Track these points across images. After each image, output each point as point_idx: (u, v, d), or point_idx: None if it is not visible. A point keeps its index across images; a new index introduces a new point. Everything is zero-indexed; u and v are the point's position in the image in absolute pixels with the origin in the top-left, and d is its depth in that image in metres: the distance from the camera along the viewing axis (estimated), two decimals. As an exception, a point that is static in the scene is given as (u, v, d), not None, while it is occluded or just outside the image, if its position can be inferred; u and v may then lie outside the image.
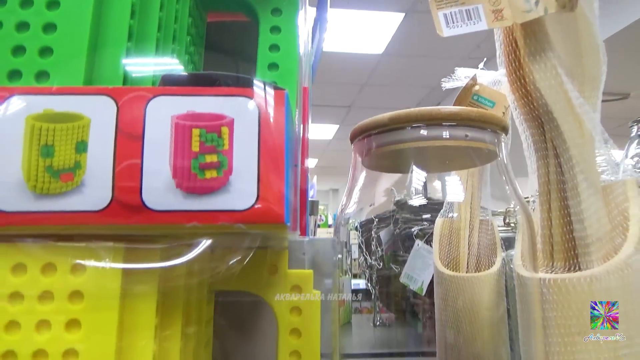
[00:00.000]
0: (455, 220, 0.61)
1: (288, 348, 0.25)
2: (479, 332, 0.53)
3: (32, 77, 0.19)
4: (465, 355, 0.54)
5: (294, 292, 0.26)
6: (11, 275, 0.19)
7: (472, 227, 0.60)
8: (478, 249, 0.60)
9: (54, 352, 0.18)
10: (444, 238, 0.61)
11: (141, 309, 0.20)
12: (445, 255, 0.60)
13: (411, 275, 0.75)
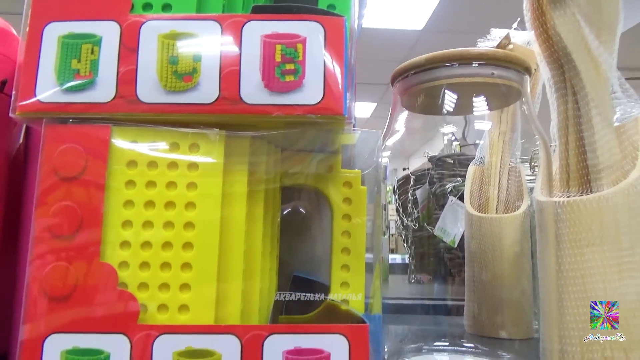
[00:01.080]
0: (486, 167, 0.66)
1: (340, 228, 0.32)
2: (505, 268, 0.59)
3: (160, 8, 0.27)
4: (491, 289, 0.60)
5: (345, 187, 0.33)
6: (147, 149, 0.27)
7: (502, 173, 0.65)
8: (507, 193, 0.65)
9: (178, 223, 0.26)
10: (475, 184, 0.66)
11: (236, 178, 0.27)
12: (476, 200, 0.66)
13: (444, 229, 0.81)
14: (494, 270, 0.58)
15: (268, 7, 0.28)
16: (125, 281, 0.26)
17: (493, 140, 0.65)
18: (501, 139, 0.64)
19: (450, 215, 0.83)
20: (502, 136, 0.64)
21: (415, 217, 0.99)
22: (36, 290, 0.25)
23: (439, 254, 0.92)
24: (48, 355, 0.25)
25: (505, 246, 0.59)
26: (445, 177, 0.94)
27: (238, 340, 0.25)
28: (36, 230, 0.26)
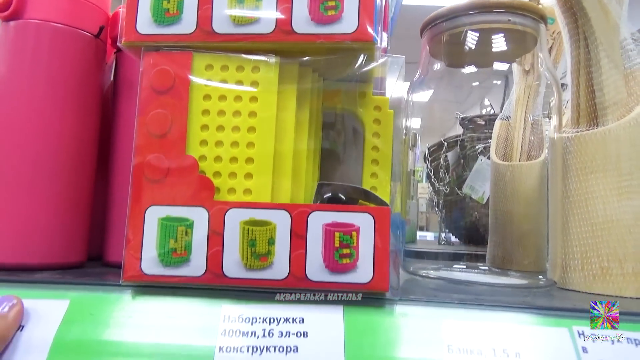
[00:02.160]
0: (512, 122, 0.71)
1: (370, 144, 0.39)
2: (523, 211, 0.64)
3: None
4: (511, 230, 0.65)
5: (375, 110, 0.40)
6: (219, 71, 0.35)
7: (525, 126, 0.70)
8: (529, 145, 0.70)
9: (243, 127, 0.34)
10: (501, 137, 0.72)
11: (287, 94, 0.35)
12: (501, 152, 0.71)
13: (473, 186, 0.86)
14: (514, 213, 0.64)
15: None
16: (204, 170, 0.34)
17: (519, 94, 0.69)
18: (526, 93, 0.69)
19: (479, 173, 0.88)
20: (528, 90, 0.69)
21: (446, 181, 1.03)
22: (139, 176, 0.34)
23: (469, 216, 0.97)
24: (149, 221, 0.33)
25: (525, 190, 0.64)
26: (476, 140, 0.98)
27: (289, 215, 0.33)
28: (138, 131, 0.34)
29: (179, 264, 0.33)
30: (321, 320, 0.32)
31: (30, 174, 0.39)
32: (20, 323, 0.31)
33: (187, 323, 0.32)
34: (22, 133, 0.40)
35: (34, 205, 0.39)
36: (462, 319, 0.33)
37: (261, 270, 0.33)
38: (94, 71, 0.44)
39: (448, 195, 1.04)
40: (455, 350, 0.31)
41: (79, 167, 0.42)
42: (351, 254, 0.32)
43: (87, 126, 0.43)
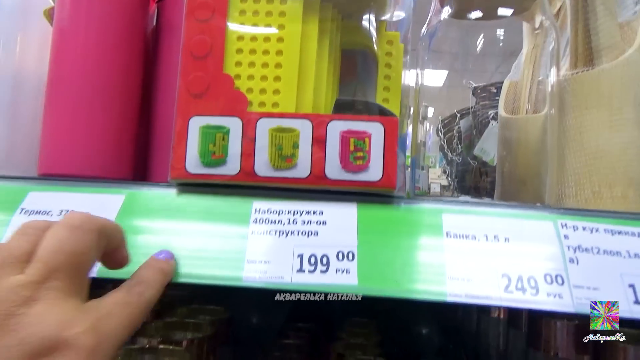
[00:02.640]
0: (519, 80, 0.75)
1: (383, 73, 0.44)
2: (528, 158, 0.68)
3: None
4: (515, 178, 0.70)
5: (388, 44, 0.45)
6: (252, 2, 0.40)
7: (532, 84, 0.74)
8: (535, 101, 0.74)
9: None
10: (509, 96, 0.76)
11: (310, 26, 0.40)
12: (510, 108, 0.75)
13: (484, 149, 0.90)
14: (519, 159, 0.68)
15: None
16: (239, 86, 0.40)
17: (527, 54, 0.74)
18: (534, 52, 0.73)
19: (490, 136, 0.92)
20: (536, 49, 0.73)
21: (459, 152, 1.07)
22: (184, 91, 0.40)
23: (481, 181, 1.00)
24: (192, 129, 0.39)
25: (529, 140, 0.69)
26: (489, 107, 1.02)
27: (310, 123, 0.38)
28: (183, 54, 0.40)
29: (217, 165, 0.39)
30: (338, 212, 0.38)
31: (89, 100, 0.46)
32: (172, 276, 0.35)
33: (224, 212, 0.38)
34: (83, 67, 0.46)
35: (92, 126, 0.45)
36: (460, 213, 0.38)
37: (286, 170, 0.38)
38: (139, 14, 0.50)
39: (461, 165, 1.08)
40: (453, 235, 0.36)
41: (127, 96, 0.48)
42: (364, 157, 0.38)
43: (134, 62, 0.49)
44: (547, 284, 0.33)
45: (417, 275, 0.35)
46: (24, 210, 0.38)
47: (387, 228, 0.37)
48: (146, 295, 0.30)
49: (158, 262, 0.34)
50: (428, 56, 0.62)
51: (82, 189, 0.40)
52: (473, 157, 1.03)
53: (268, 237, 0.37)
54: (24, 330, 0.24)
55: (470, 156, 1.05)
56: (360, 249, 0.36)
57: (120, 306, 0.28)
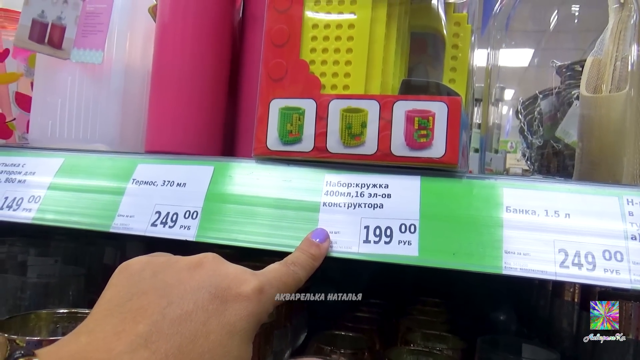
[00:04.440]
0: (604, 57, 0.72)
1: (450, 54, 0.46)
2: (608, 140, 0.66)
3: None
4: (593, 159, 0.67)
5: (455, 25, 0.46)
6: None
7: (617, 60, 0.71)
8: (618, 78, 0.71)
9: None
10: (593, 73, 0.73)
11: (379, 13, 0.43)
12: (592, 86, 0.73)
13: (567, 130, 0.87)
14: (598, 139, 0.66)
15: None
16: (313, 71, 0.44)
17: (613, 27, 0.70)
18: (619, 28, 0.69)
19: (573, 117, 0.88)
20: (621, 24, 0.69)
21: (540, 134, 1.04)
22: (266, 76, 0.44)
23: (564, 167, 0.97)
24: (272, 110, 0.44)
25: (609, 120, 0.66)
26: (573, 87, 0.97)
27: (378, 104, 0.41)
28: (265, 43, 0.45)
29: (293, 142, 0.43)
30: (402, 186, 0.41)
31: (187, 88, 0.52)
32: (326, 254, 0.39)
33: (299, 185, 0.43)
34: (182, 58, 0.53)
35: (190, 110, 0.52)
36: (521, 187, 0.39)
37: (355, 147, 0.42)
38: (228, 8, 0.56)
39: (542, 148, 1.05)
40: (512, 210, 0.38)
41: (219, 83, 0.54)
42: (427, 135, 0.40)
43: (224, 52, 0.55)
44: (605, 260, 0.34)
45: (475, 248, 0.37)
46: (135, 180, 0.46)
47: (448, 201, 0.40)
48: (299, 274, 0.35)
49: (311, 246, 0.38)
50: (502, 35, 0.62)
51: (179, 162, 0.47)
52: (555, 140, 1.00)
53: (338, 209, 0.41)
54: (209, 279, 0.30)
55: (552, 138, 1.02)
56: (422, 222, 0.39)
57: (279, 279, 0.34)
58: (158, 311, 0.28)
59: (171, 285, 0.30)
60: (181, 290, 0.29)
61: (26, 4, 0.52)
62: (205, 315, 0.28)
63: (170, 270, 0.31)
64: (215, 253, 0.34)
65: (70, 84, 0.54)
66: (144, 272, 0.31)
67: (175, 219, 0.43)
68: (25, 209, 0.46)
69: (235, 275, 0.31)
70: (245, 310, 0.30)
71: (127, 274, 0.31)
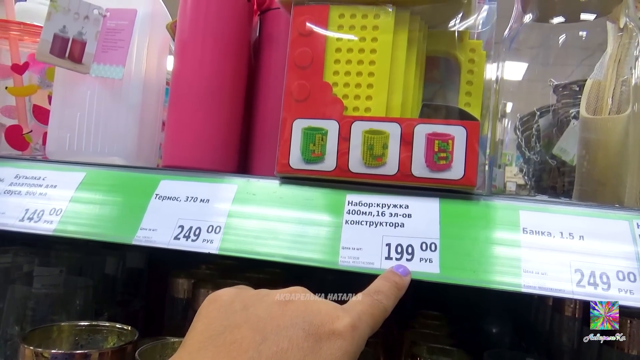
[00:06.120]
0: (603, 80, 0.75)
1: (465, 79, 0.48)
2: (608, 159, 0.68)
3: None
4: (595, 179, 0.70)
5: (471, 52, 0.48)
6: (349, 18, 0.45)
7: (616, 84, 0.74)
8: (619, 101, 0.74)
9: None
10: (592, 95, 0.76)
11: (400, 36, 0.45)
12: (592, 108, 0.75)
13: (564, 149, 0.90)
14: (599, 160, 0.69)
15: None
16: (336, 93, 0.45)
17: (612, 53, 0.73)
18: (619, 52, 0.72)
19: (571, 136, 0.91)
20: (621, 48, 0.72)
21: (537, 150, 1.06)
22: (289, 97, 0.46)
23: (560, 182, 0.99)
24: (295, 130, 0.45)
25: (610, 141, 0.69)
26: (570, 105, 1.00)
27: (399, 126, 0.43)
28: (288, 65, 0.46)
29: (316, 162, 0.44)
30: (422, 206, 0.43)
31: (205, 104, 0.53)
32: None
33: (321, 203, 0.44)
34: (201, 74, 0.54)
35: (207, 126, 0.53)
36: (537, 210, 0.41)
37: (377, 167, 0.43)
38: (246, 27, 0.57)
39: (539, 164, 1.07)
40: (529, 232, 0.40)
41: (235, 100, 0.56)
42: (447, 157, 0.42)
43: (240, 69, 0.56)
44: (619, 280, 0.36)
45: (494, 267, 0.39)
46: (158, 195, 0.47)
47: (467, 222, 0.41)
48: (384, 303, 0.34)
49: (394, 275, 0.37)
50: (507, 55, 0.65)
51: (202, 179, 0.48)
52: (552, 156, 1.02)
53: (360, 226, 0.42)
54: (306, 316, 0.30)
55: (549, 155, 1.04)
56: (442, 241, 0.40)
57: (368, 314, 0.32)
58: (253, 347, 0.27)
59: (264, 319, 0.29)
60: (274, 326, 0.29)
61: (48, 19, 0.53)
62: (300, 354, 0.28)
63: (261, 304, 0.31)
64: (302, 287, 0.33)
65: (90, 98, 0.55)
66: (234, 304, 0.31)
67: (198, 233, 0.44)
68: (47, 221, 0.47)
69: (327, 311, 0.30)
70: (340, 350, 0.29)
71: (217, 306, 0.31)
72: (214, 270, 0.77)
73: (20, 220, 0.48)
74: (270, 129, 0.56)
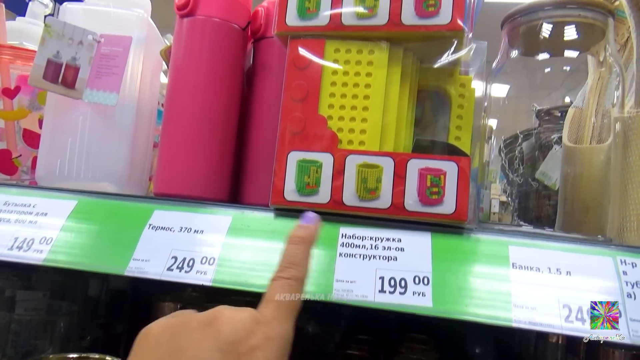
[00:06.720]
0: (584, 109, 0.78)
1: (456, 113, 0.49)
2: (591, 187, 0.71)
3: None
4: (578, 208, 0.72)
5: (461, 87, 0.50)
6: (344, 53, 0.46)
7: (597, 113, 0.76)
8: (599, 130, 0.76)
9: None
10: (574, 124, 0.78)
11: (393, 72, 0.46)
12: (574, 136, 0.78)
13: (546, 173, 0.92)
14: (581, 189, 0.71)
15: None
16: (331, 126, 0.46)
17: (593, 84, 0.76)
18: (599, 83, 0.75)
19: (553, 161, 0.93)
20: (601, 80, 0.75)
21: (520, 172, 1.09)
22: (285, 129, 0.46)
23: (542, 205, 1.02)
24: (290, 162, 0.46)
25: (592, 170, 0.71)
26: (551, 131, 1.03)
27: (392, 160, 0.44)
28: (284, 97, 0.47)
29: (310, 194, 0.45)
30: (414, 241, 0.43)
31: (198, 131, 0.53)
32: None
33: (316, 235, 0.44)
34: (192, 99, 0.54)
35: (200, 154, 0.53)
36: (525, 245, 0.42)
37: (370, 201, 0.44)
38: (240, 55, 0.58)
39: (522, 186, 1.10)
40: (518, 267, 0.41)
41: (228, 127, 0.56)
42: (439, 192, 0.43)
43: (233, 97, 0.57)
44: (605, 316, 0.37)
45: (485, 301, 0.39)
46: (151, 225, 0.46)
47: (458, 257, 0.42)
48: (298, 275, 0.34)
49: (301, 230, 0.36)
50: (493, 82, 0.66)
51: (197, 210, 0.48)
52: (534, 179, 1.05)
53: (353, 259, 0.43)
54: None
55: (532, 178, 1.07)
56: (435, 275, 0.41)
57: (282, 306, 0.32)
58: None
59: (184, 349, 0.30)
60: (195, 353, 0.29)
61: (42, 44, 0.53)
62: None
63: (184, 331, 0.31)
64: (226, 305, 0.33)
65: (82, 123, 0.55)
66: (162, 336, 0.31)
67: (191, 264, 0.44)
68: (37, 250, 0.46)
69: (244, 327, 0.31)
70: None
71: (145, 341, 0.32)
72: (200, 293, 0.76)
73: (9, 249, 0.47)
74: (263, 156, 0.56)
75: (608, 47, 0.59)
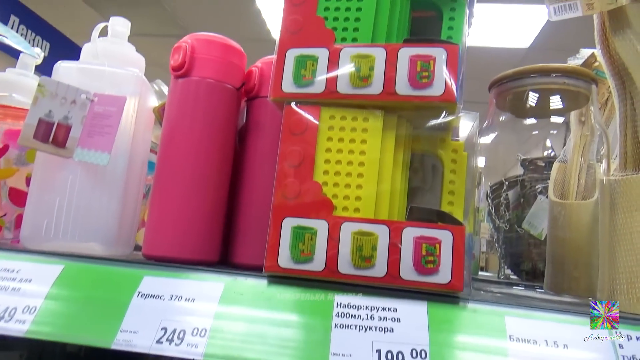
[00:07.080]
0: (569, 165, 0.79)
1: (448, 179, 0.50)
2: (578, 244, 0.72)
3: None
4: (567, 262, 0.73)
5: (453, 152, 0.51)
6: (339, 120, 0.47)
7: (581, 169, 0.78)
8: (584, 186, 0.78)
9: None
10: (559, 178, 0.80)
11: (388, 139, 0.47)
12: (559, 191, 0.79)
13: (532, 223, 0.93)
14: (569, 246, 0.71)
15: (413, 39, 0.47)
16: (325, 192, 0.46)
17: (576, 141, 0.78)
18: (582, 141, 0.77)
19: (538, 211, 0.95)
20: (584, 139, 0.77)
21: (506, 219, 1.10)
22: (279, 195, 0.46)
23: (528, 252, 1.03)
24: (284, 228, 0.45)
25: (579, 227, 0.72)
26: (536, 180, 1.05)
27: (388, 228, 0.44)
28: (279, 162, 0.47)
29: (305, 261, 0.45)
30: (410, 311, 0.43)
31: (190, 192, 0.53)
32: None
33: (310, 305, 0.44)
34: (183, 158, 0.54)
35: (191, 215, 0.53)
36: (522, 316, 0.42)
37: (366, 269, 0.44)
38: (234, 115, 0.58)
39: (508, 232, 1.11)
40: (516, 339, 0.41)
41: (220, 187, 0.56)
42: (434, 261, 0.43)
43: (226, 157, 0.57)
44: (604, 393, 0.37)
45: (484, 375, 0.39)
46: (140, 293, 0.45)
47: (455, 328, 0.42)
48: None
49: None
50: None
51: (187, 276, 0.47)
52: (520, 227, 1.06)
53: (349, 331, 0.42)
54: None
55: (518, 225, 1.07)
56: (432, 348, 0.40)
57: None
58: None
59: None
60: None
61: (34, 104, 0.52)
62: None
63: None
64: None
65: (71, 183, 0.54)
66: None
67: (182, 337, 0.43)
68: (19, 321, 0.44)
69: None
70: None
71: None
72: None
73: (-10, 318, 0.45)
74: (254, 216, 0.56)
75: (591, 111, 0.61)
